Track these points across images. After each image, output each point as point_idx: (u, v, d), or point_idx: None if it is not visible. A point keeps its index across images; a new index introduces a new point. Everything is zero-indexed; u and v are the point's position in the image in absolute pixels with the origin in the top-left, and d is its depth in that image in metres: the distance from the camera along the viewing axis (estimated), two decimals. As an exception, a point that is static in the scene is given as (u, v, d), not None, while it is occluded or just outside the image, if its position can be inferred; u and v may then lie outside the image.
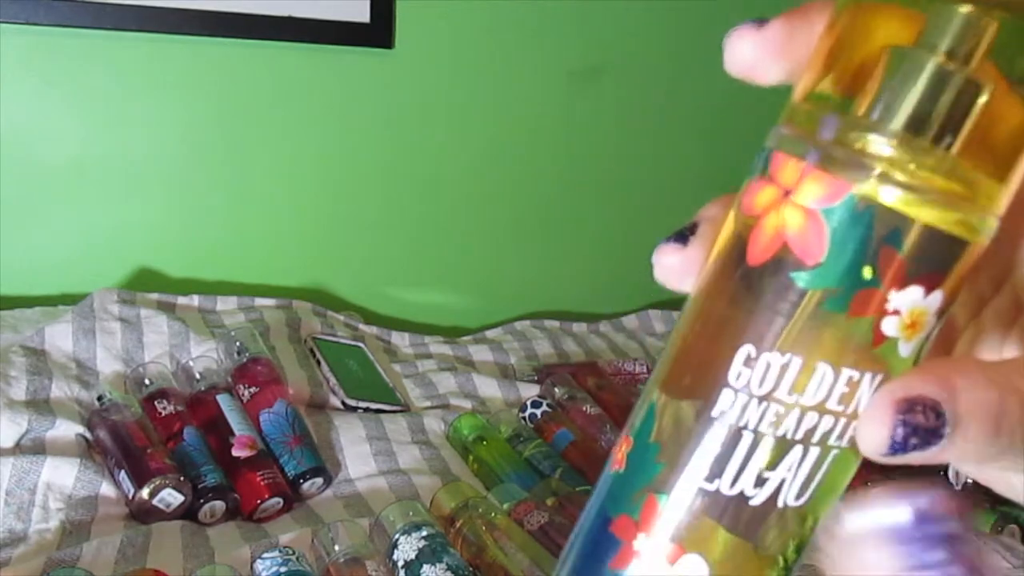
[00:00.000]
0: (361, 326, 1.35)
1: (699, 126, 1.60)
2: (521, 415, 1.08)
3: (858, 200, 0.18)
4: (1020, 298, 0.23)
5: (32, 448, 0.88)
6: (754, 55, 0.20)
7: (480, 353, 1.31)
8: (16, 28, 1.19)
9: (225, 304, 1.26)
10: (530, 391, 1.16)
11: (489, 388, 1.18)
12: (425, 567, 0.71)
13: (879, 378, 0.19)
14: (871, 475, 1.02)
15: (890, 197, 0.18)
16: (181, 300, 1.23)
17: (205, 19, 1.25)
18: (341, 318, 1.34)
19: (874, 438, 0.19)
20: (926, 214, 0.18)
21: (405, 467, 0.97)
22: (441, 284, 1.55)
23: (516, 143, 1.51)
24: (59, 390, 0.99)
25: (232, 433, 0.93)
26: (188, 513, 0.86)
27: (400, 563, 0.73)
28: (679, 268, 0.23)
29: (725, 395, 0.20)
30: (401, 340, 1.34)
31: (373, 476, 0.95)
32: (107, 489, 0.86)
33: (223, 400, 0.97)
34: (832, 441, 0.20)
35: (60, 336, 1.07)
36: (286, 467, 0.92)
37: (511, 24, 1.43)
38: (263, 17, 1.27)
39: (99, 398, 0.95)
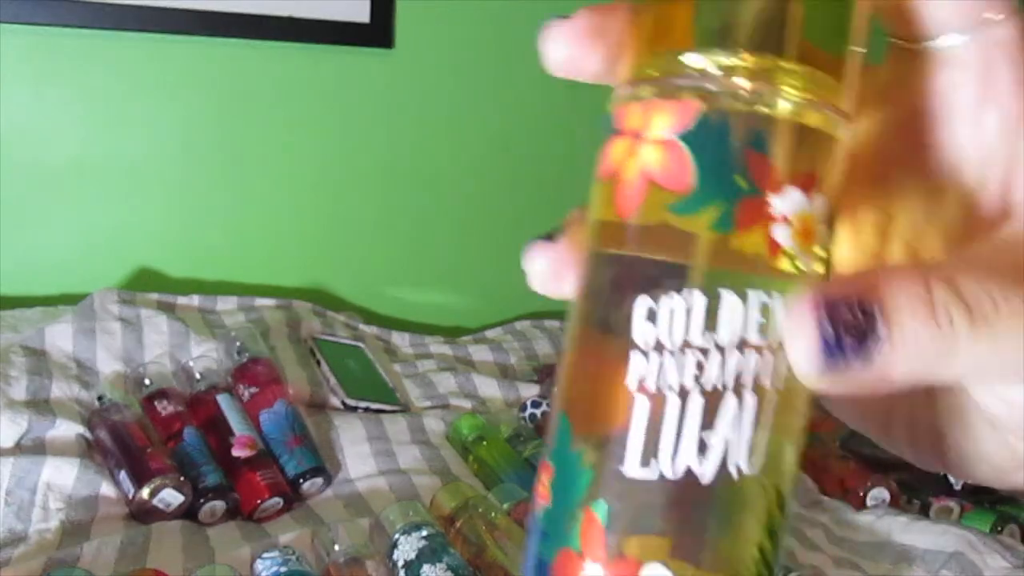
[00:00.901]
0: (361, 326, 1.35)
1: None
2: (521, 415, 1.08)
3: (709, 114, 0.18)
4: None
5: (32, 448, 0.88)
6: (567, 49, 0.20)
7: (480, 353, 1.31)
8: (16, 28, 1.19)
9: (225, 304, 1.26)
10: (530, 391, 1.16)
11: (489, 388, 1.18)
12: (425, 567, 0.71)
13: (791, 297, 0.18)
14: (871, 475, 1.01)
15: (739, 103, 0.18)
16: (181, 300, 1.23)
17: (205, 19, 1.25)
18: (341, 318, 1.34)
19: (804, 349, 0.17)
20: (778, 111, 0.18)
21: (405, 467, 0.97)
22: (441, 284, 1.55)
23: (516, 143, 1.51)
24: (59, 390, 0.99)
25: (232, 433, 0.93)
26: (188, 513, 0.86)
27: (400, 563, 0.73)
28: (551, 268, 0.21)
29: (635, 360, 0.18)
30: (401, 340, 1.34)
31: (373, 476, 0.95)
32: (107, 489, 0.86)
33: (223, 400, 0.97)
34: (766, 383, 0.18)
35: (60, 336, 1.07)
36: (286, 467, 0.92)
37: (511, 24, 1.43)
38: (263, 17, 1.27)
39: (99, 398, 0.95)
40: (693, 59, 0.18)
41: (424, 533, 0.75)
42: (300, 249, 1.44)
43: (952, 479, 0.97)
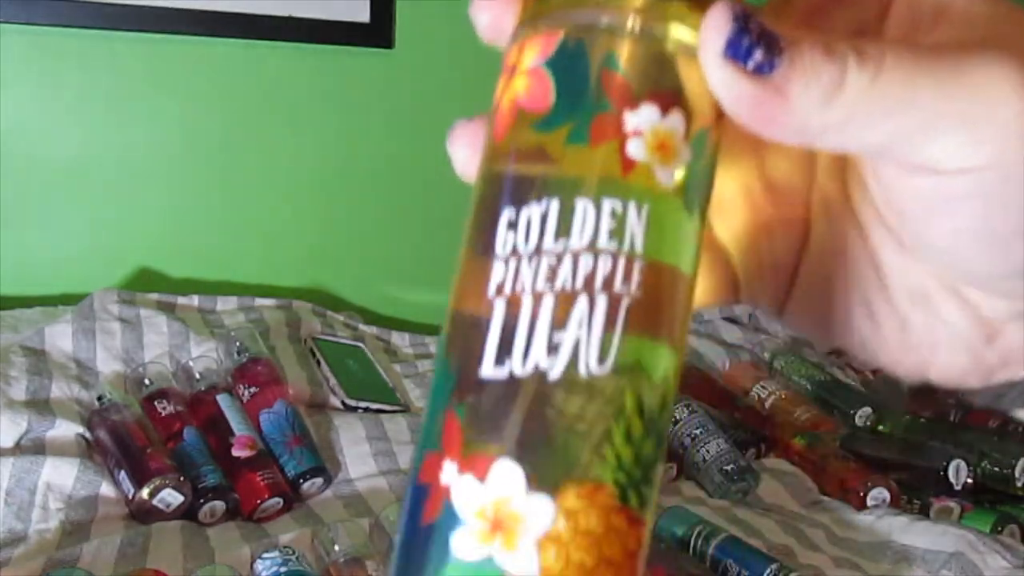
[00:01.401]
0: (361, 326, 1.35)
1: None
2: (521, 415, 1.08)
3: (567, 40, 0.19)
4: None
5: (32, 448, 0.88)
6: (491, 17, 0.22)
7: (480, 353, 1.31)
8: (16, 28, 1.19)
9: (225, 304, 1.26)
10: (530, 391, 1.16)
11: (489, 388, 1.18)
12: (425, 567, 0.71)
13: (645, 208, 0.19)
14: (871, 475, 1.01)
15: (591, 26, 0.19)
16: (181, 300, 1.23)
17: (205, 19, 1.25)
18: (341, 318, 1.34)
19: (714, 39, 0.18)
20: (632, 34, 0.19)
21: (405, 467, 0.97)
22: (441, 284, 1.54)
23: (516, 143, 1.51)
24: (59, 390, 0.99)
25: (232, 433, 0.93)
26: (188, 513, 0.86)
27: (400, 563, 0.73)
28: (470, 134, 0.23)
29: (496, 268, 0.19)
30: (401, 340, 1.34)
31: (373, 476, 0.95)
32: (107, 489, 0.86)
33: (223, 400, 0.96)
34: (618, 286, 0.18)
35: (60, 336, 1.08)
36: (286, 467, 0.92)
37: (511, 24, 1.43)
38: (263, 17, 1.27)
39: (99, 398, 0.95)
40: None
41: (424, 533, 0.75)
42: (300, 249, 1.44)
43: (952, 479, 0.97)
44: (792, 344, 1.38)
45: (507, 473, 0.18)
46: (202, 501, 0.86)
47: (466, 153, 0.23)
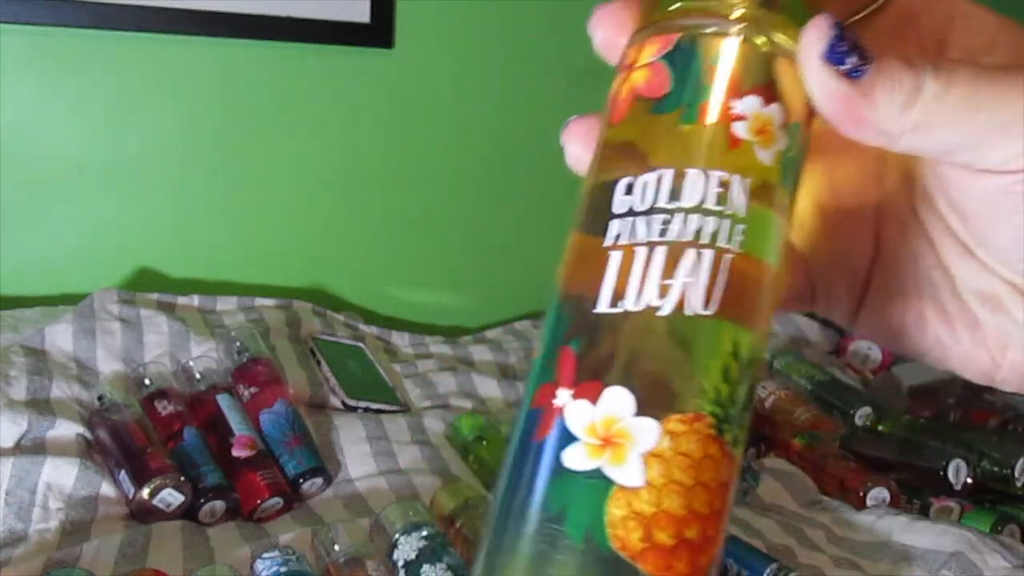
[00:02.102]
0: (361, 326, 1.35)
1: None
2: (521, 415, 1.08)
3: (682, 40, 0.22)
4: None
5: (32, 448, 0.88)
6: (606, 34, 0.25)
7: (480, 353, 1.31)
8: (16, 28, 1.19)
9: (225, 304, 1.26)
10: (530, 391, 1.16)
11: (489, 388, 1.18)
12: (425, 567, 0.71)
13: (747, 181, 0.22)
14: (871, 475, 1.01)
15: (705, 30, 0.22)
16: (181, 300, 1.23)
17: (205, 19, 1.25)
18: (341, 318, 1.34)
19: (815, 38, 0.21)
20: (735, 35, 0.22)
21: (405, 467, 0.97)
22: (441, 284, 1.55)
23: (516, 143, 1.51)
24: (59, 390, 0.99)
25: (232, 433, 0.93)
26: (188, 513, 0.86)
27: (400, 563, 0.73)
28: (584, 131, 0.26)
29: (613, 225, 0.22)
30: (401, 340, 1.34)
31: (373, 476, 0.95)
32: (107, 489, 0.86)
33: (223, 400, 0.97)
34: (721, 242, 0.21)
35: (60, 336, 1.08)
36: (286, 467, 0.92)
37: (511, 24, 1.43)
38: (263, 17, 1.27)
39: (99, 398, 0.95)
40: (675, 6, 0.23)
41: (424, 533, 0.75)
42: (300, 249, 1.44)
43: (952, 479, 0.97)
44: (792, 344, 1.38)
45: (618, 397, 0.20)
46: (202, 501, 0.86)
47: (579, 147, 0.26)
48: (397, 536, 0.75)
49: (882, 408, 1.14)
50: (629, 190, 0.22)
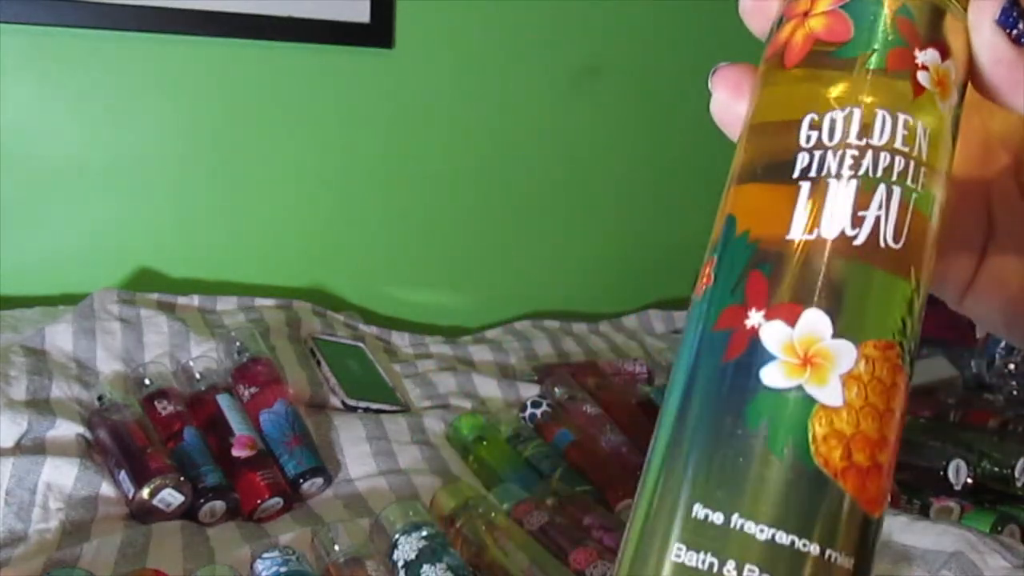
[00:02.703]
0: (361, 326, 1.35)
1: (699, 125, 1.60)
2: (521, 415, 1.08)
3: None
4: None
5: (32, 448, 0.88)
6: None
7: (480, 353, 1.31)
8: (16, 28, 1.19)
9: (225, 304, 1.26)
10: (530, 391, 1.16)
11: (489, 388, 1.18)
12: (425, 567, 0.71)
13: (929, 127, 0.22)
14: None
15: None
16: (181, 300, 1.23)
17: (205, 19, 1.25)
18: (341, 318, 1.34)
19: (990, 2, 0.22)
20: None
21: (405, 467, 0.97)
22: (441, 284, 1.55)
23: (516, 143, 1.51)
24: (59, 390, 0.99)
25: (232, 433, 0.93)
26: (188, 513, 0.86)
27: (400, 563, 0.73)
28: (733, 84, 0.26)
29: (801, 157, 0.22)
30: (401, 340, 1.34)
31: (373, 476, 0.95)
32: (107, 489, 0.86)
33: (223, 400, 0.97)
34: (909, 181, 0.22)
35: (60, 336, 1.07)
36: (286, 467, 0.92)
37: (511, 24, 1.43)
38: (263, 17, 1.27)
39: (99, 398, 0.95)
40: None
41: (424, 533, 0.75)
42: (300, 249, 1.44)
43: (952, 479, 0.97)
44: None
45: (816, 319, 0.21)
46: (202, 501, 0.86)
47: (727, 94, 0.26)
48: (397, 536, 0.75)
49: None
50: (815, 126, 0.22)
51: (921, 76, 0.23)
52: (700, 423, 0.21)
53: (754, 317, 0.21)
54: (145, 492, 0.84)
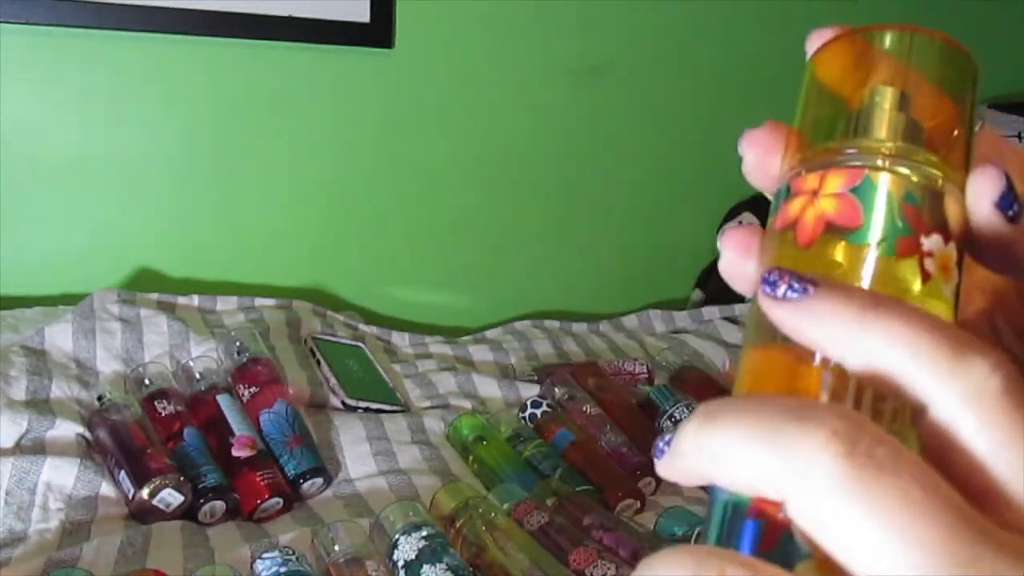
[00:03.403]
0: (361, 326, 1.35)
1: (699, 125, 1.60)
2: (521, 415, 1.08)
3: (871, 176, 0.25)
4: None
5: (32, 448, 0.89)
6: (757, 157, 0.27)
7: (480, 353, 1.31)
8: (16, 28, 1.19)
9: (225, 304, 1.26)
10: (530, 391, 1.16)
11: (489, 388, 1.18)
12: (425, 567, 0.71)
13: (937, 313, 0.24)
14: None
15: (895, 168, 0.25)
16: (181, 300, 1.23)
17: (205, 19, 1.25)
18: (341, 318, 1.34)
19: (990, 184, 0.24)
20: (919, 176, 0.25)
21: (405, 467, 0.97)
22: (441, 284, 1.55)
23: (516, 143, 1.51)
24: (59, 390, 0.99)
25: (232, 433, 0.93)
26: (188, 513, 0.86)
27: (400, 563, 0.73)
28: (743, 240, 0.27)
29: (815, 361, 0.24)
30: (401, 340, 1.34)
31: (373, 476, 0.95)
32: (107, 489, 0.86)
33: (223, 400, 0.97)
34: None
35: (60, 336, 1.07)
36: (286, 467, 0.92)
37: (511, 24, 1.43)
38: (263, 17, 1.27)
39: (99, 398, 0.95)
40: (861, 143, 0.26)
41: (424, 533, 0.75)
42: (300, 249, 1.44)
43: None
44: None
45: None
46: (202, 501, 0.86)
47: (736, 254, 0.27)
48: (397, 536, 0.75)
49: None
50: None
51: (928, 263, 0.24)
52: None
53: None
54: (145, 492, 0.84)
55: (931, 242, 0.24)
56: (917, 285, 0.24)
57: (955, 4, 1.69)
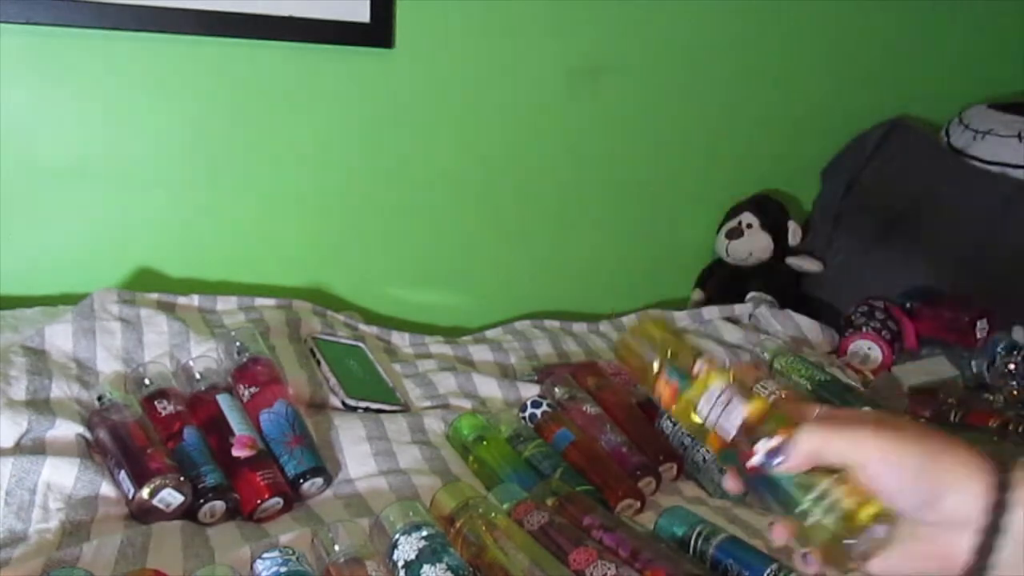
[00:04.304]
0: (361, 326, 1.35)
1: (699, 125, 1.60)
2: (521, 415, 1.08)
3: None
4: None
5: (32, 448, 0.89)
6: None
7: (480, 353, 1.31)
8: (16, 28, 1.19)
9: (225, 304, 1.26)
10: (530, 391, 1.16)
11: (489, 388, 1.18)
12: (425, 567, 0.71)
13: None
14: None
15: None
16: (181, 300, 1.23)
17: (205, 19, 1.25)
18: (341, 318, 1.34)
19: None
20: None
21: (405, 467, 0.97)
22: (441, 284, 1.55)
23: (516, 143, 1.51)
24: (59, 390, 0.99)
25: (232, 433, 0.93)
26: (188, 513, 0.86)
27: (400, 563, 0.73)
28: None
29: None
30: (401, 340, 1.34)
31: (373, 476, 0.95)
32: (107, 489, 0.86)
33: (223, 400, 0.97)
34: None
35: (60, 336, 1.08)
36: (286, 467, 0.92)
37: (511, 24, 1.43)
38: (263, 17, 1.27)
39: (99, 398, 0.96)
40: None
41: (424, 533, 0.75)
42: (300, 249, 1.44)
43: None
44: (792, 344, 1.38)
45: None
46: (202, 501, 0.86)
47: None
48: (397, 536, 0.75)
49: (882, 408, 1.14)
50: None
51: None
52: None
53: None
54: (145, 492, 0.84)
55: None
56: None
57: (955, 4, 1.69)
